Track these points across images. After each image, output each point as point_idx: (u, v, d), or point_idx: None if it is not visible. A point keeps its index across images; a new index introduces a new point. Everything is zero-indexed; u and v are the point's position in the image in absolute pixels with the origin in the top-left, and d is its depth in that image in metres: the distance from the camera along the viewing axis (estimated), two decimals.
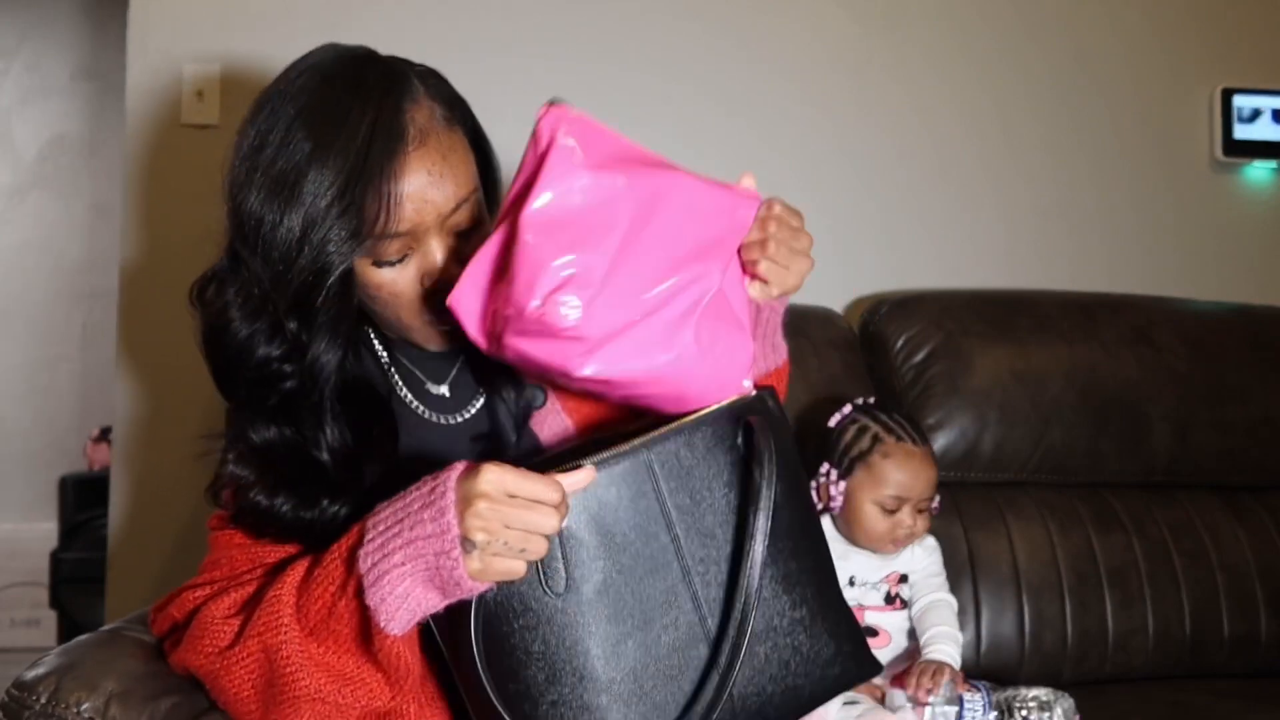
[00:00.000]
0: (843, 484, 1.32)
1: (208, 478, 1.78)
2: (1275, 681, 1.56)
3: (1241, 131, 2.01)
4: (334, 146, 0.85)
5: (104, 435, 3.22)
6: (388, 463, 0.94)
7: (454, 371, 1.03)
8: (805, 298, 1.78)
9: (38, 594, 3.23)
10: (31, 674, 0.93)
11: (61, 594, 2.98)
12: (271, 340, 0.91)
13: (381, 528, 0.79)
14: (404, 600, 0.78)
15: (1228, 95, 2.01)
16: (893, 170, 1.93)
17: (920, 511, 1.34)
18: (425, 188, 0.88)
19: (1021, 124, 1.97)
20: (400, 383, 1.01)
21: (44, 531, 3.28)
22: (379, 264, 0.89)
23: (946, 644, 1.32)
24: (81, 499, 3.08)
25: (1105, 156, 1.99)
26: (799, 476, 0.92)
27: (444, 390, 1.02)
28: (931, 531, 1.54)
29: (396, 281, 0.90)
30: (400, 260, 0.90)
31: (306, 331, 0.89)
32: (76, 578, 2.92)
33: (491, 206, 0.99)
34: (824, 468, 1.35)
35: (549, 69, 1.82)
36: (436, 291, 0.90)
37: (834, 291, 1.88)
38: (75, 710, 0.90)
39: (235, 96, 1.75)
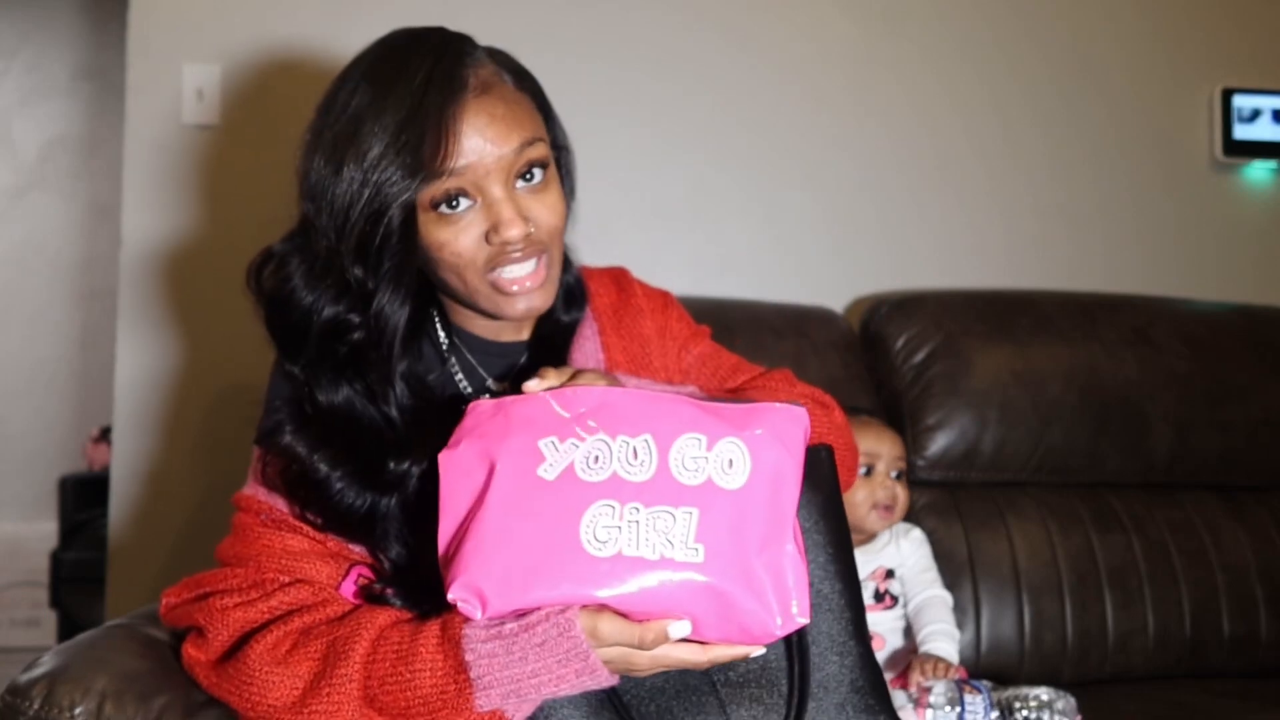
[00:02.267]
0: None
1: (208, 477, 1.79)
2: (1275, 681, 1.56)
3: (1241, 131, 2.01)
4: (392, 93, 0.88)
5: (104, 435, 3.22)
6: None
7: (516, 370, 1.02)
8: (806, 297, 1.79)
9: (38, 594, 3.23)
10: (25, 677, 0.93)
11: (61, 594, 2.97)
12: (338, 301, 0.91)
13: (503, 688, 0.79)
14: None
15: (1228, 95, 2.01)
16: (893, 170, 1.93)
17: (898, 477, 1.41)
18: (484, 128, 0.88)
19: (1021, 124, 1.97)
20: (460, 375, 1.01)
21: (44, 531, 3.28)
22: (440, 212, 0.89)
23: (943, 641, 1.33)
24: (81, 499, 3.07)
25: (1105, 156, 1.99)
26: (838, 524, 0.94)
27: (505, 388, 1.01)
28: (929, 529, 1.56)
29: (460, 238, 0.89)
30: (462, 210, 0.89)
31: (372, 279, 0.89)
32: (76, 578, 2.92)
33: (564, 182, 1.01)
34: None
35: (549, 68, 1.82)
36: (502, 252, 0.90)
37: (834, 291, 1.88)
38: (69, 713, 0.89)
39: (235, 96, 1.75)
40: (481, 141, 0.88)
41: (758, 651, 0.79)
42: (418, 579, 0.90)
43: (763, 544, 0.75)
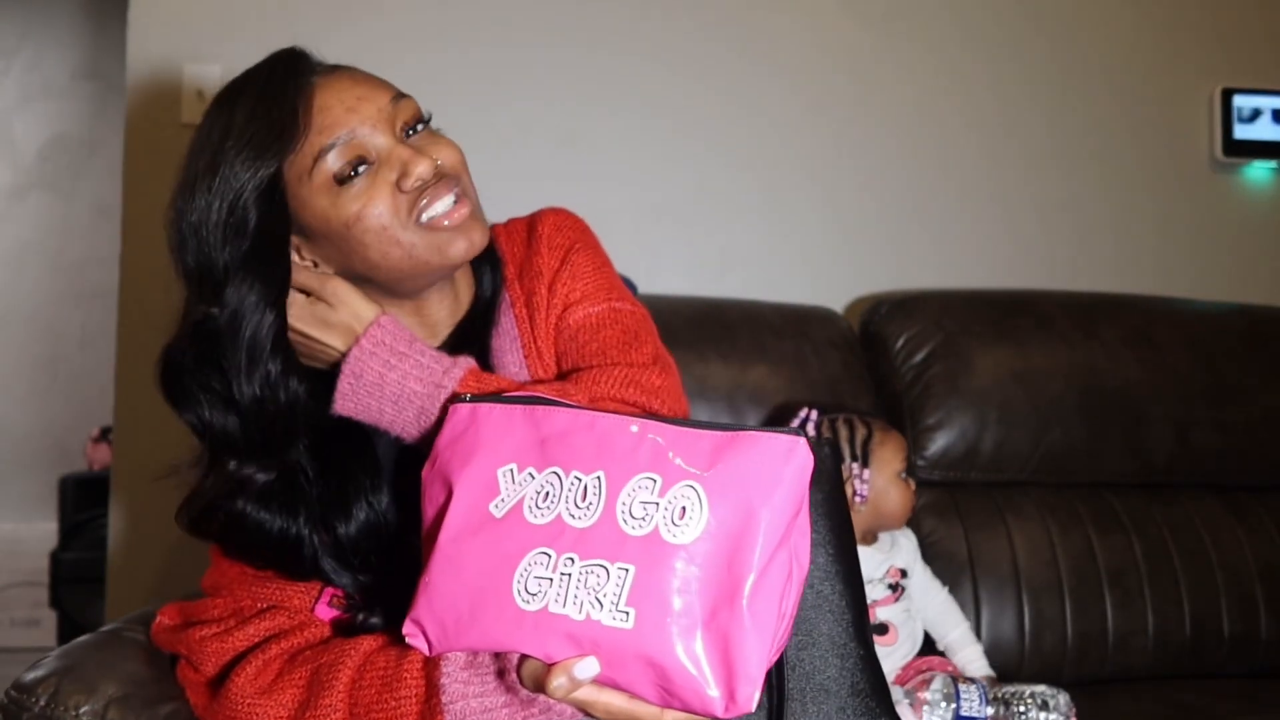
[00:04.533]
0: (867, 471, 1.38)
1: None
2: (1275, 681, 1.56)
3: (1241, 131, 2.01)
4: (238, 104, 0.86)
5: (104, 435, 3.22)
6: (367, 464, 0.93)
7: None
8: (806, 297, 1.79)
9: (38, 594, 3.22)
10: (31, 676, 0.93)
11: (61, 594, 2.97)
12: (203, 303, 0.89)
13: None
14: None
15: (1228, 95, 2.01)
16: (893, 170, 1.93)
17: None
18: (347, 90, 0.87)
19: (1022, 124, 1.97)
20: None
21: (44, 531, 3.28)
22: (343, 188, 0.85)
23: (974, 647, 1.43)
24: (81, 499, 3.07)
25: (1105, 156, 1.99)
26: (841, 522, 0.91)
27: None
28: (929, 529, 1.57)
29: (374, 201, 0.85)
30: (363, 175, 0.86)
31: (231, 264, 0.86)
32: (76, 578, 2.92)
33: None
34: (846, 465, 1.38)
35: (550, 68, 1.82)
36: (419, 195, 0.87)
37: (834, 291, 1.88)
38: (74, 713, 0.90)
39: None
40: (355, 99, 0.86)
41: None
42: (388, 598, 0.90)
43: (712, 613, 0.66)
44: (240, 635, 0.90)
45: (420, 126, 0.90)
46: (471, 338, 0.98)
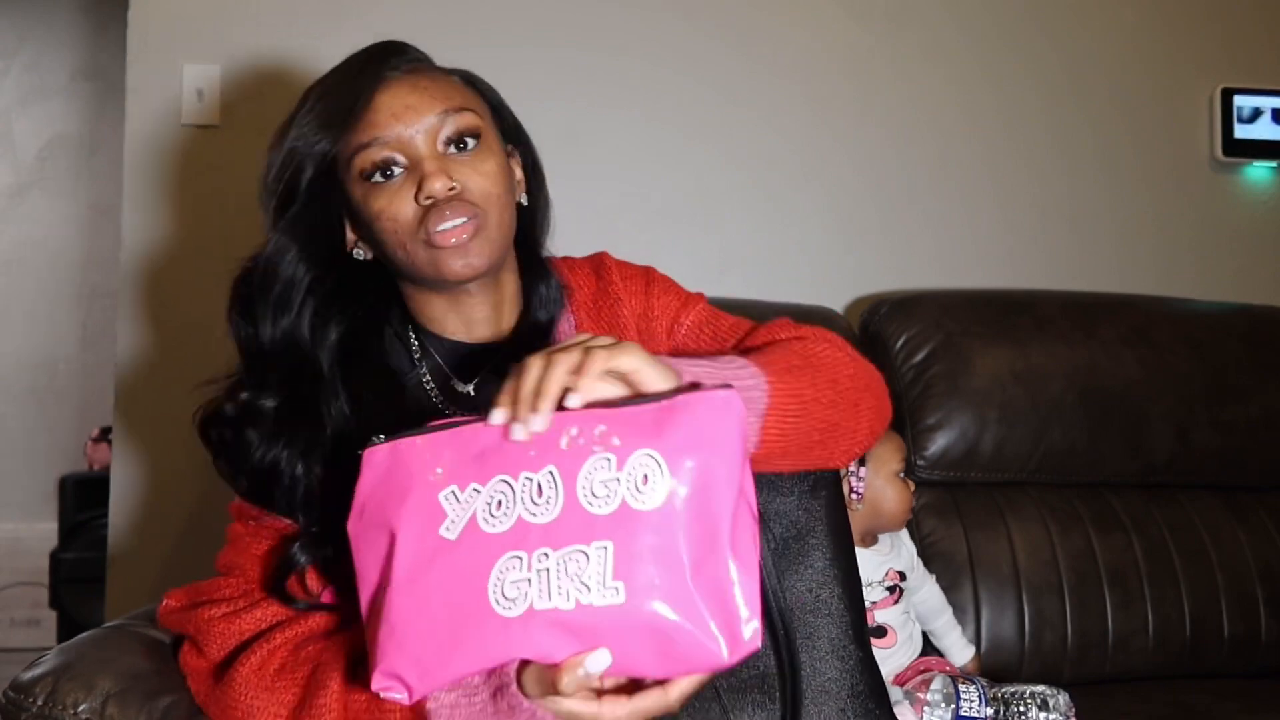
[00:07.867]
0: (863, 470, 1.37)
1: (208, 477, 1.78)
2: (1275, 682, 1.56)
3: (1241, 131, 2.01)
4: (325, 81, 0.95)
5: (104, 435, 3.22)
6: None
7: (483, 372, 1.02)
8: (806, 297, 1.79)
9: (38, 594, 3.23)
10: (29, 675, 0.93)
11: (61, 594, 2.98)
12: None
13: None
14: None
15: (1228, 95, 2.01)
16: (894, 170, 1.93)
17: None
18: (406, 95, 0.92)
19: (1022, 124, 1.97)
20: (428, 376, 1.01)
21: (44, 531, 3.28)
22: (375, 182, 0.92)
23: (955, 631, 1.46)
24: (81, 499, 3.07)
25: (1105, 156, 2.00)
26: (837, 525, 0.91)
27: (469, 389, 1.01)
28: (929, 529, 1.57)
29: (394, 203, 0.92)
30: (395, 178, 0.92)
31: (276, 217, 0.94)
32: (76, 578, 2.92)
33: (530, 179, 1.04)
34: None
35: (551, 70, 1.82)
36: (432, 209, 0.91)
37: (834, 291, 1.88)
38: (72, 711, 0.90)
39: (235, 96, 1.75)
40: (403, 108, 0.92)
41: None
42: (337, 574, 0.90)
43: (697, 564, 0.66)
44: (249, 619, 0.91)
45: (471, 143, 0.94)
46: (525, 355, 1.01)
